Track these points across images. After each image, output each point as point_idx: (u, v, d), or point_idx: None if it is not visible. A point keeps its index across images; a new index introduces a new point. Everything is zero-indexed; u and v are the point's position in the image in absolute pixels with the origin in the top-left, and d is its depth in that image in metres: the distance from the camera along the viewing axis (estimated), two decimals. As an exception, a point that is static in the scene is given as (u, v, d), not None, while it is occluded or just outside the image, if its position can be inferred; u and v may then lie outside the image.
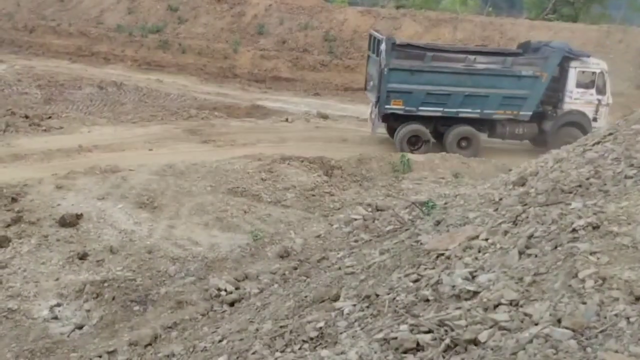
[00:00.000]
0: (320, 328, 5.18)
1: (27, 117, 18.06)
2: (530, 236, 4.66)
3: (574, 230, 4.40)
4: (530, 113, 17.61)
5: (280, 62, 30.72)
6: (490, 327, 3.83)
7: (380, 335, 4.37)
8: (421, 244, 6.15)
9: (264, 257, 10.21)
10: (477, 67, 17.10)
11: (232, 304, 8.16)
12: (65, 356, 7.60)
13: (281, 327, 5.68)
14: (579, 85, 17.80)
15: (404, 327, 4.32)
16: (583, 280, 3.72)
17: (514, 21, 31.77)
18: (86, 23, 33.68)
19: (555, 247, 4.32)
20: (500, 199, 6.13)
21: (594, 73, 17.86)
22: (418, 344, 4.04)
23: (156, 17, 33.49)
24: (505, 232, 5.05)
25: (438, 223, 6.66)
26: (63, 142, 15.96)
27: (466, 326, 3.95)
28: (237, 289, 8.69)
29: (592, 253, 3.96)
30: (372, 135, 18.66)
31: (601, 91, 17.83)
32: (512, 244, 4.73)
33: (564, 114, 17.99)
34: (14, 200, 11.58)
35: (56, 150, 15.21)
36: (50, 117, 18.63)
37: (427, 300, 4.72)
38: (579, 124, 17.76)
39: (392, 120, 17.90)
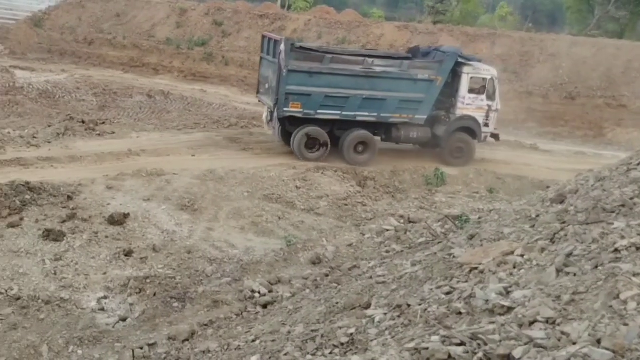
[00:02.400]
0: (351, 334, 5.04)
1: (83, 122, 18.43)
2: (569, 254, 4.40)
3: (616, 250, 4.13)
4: (425, 117, 16.90)
5: (317, 76, 30.74)
6: (526, 343, 3.61)
7: (412, 345, 4.20)
8: (454, 257, 5.95)
9: (297, 262, 10.12)
10: (375, 69, 16.20)
11: (265, 306, 8.08)
12: (111, 345, 7.65)
13: (312, 331, 5.56)
14: (470, 90, 17.25)
15: (435, 338, 4.14)
16: (625, 302, 3.47)
17: (555, 37, 30.58)
18: (139, 36, 34.48)
19: (596, 267, 4.06)
20: (538, 216, 5.85)
21: (484, 79, 17.33)
22: (449, 356, 3.84)
23: (202, 31, 34.05)
24: (542, 249, 4.79)
25: (472, 237, 6.44)
26: (114, 146, 16.22)
27: (500, 341, 3.74)
28: (270, 291, 8.62)
29: (636, 274, 3.70)
30: (275, 141, 17.35)
31: (491, 97, 17.38)
32: (549, 262, 4.48)
33: (456, 119, 17.40)
34: (69, 198, 11.83)
35: (108, 154, 15.45)
36: (103, 123, 18.97)
37: (460, 313, 4.52)
38: (470, 130, 17.49)
39: (288, 124, 16.53)
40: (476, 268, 5.16)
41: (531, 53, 28.52)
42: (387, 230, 10.33)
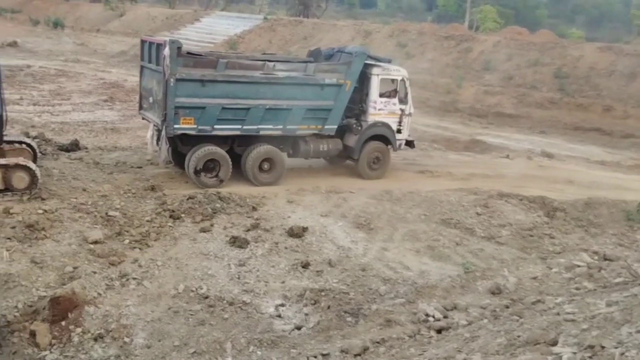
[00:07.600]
0: (534, 370, 4.96)
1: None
2: None
3: None
4: (336, 127, 15.37)
5: (505, 98, 29.93)
6: None
7: (605, 389, 4.04)
8: (659, 300, 5.51)
9: (474, 290, 10.02)
10: (277, 75, 14.36)
11: (439, 331, 8.15)
12: (286, 351, 8.26)
13: (490, 361, 5.56)
14: (382, 94, 15.85)
15: (634, 384, 3.94)
16: None
17: None
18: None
19: None
20: None
21: (394, 81, 15.97)
22: (650, 405, 3.65)
23: (385, 52, 34.99)
24: None
25: (682, 280, 5.89)
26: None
27: None
28: (445, 317, 8.69)
29: None
30: (160, 165, 15.28)
31: (403, 100, 16.11)
32: None
33: (368, 126, 15.94)
34: (254, 209, 12.96)
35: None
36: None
37: (664, 361, 4.23)
38: (384, 137, 16.23)
39: (180, 144, 14.39)
40: (688, 314, 4.75)
41: None
42: (578, 266, 9.77)
